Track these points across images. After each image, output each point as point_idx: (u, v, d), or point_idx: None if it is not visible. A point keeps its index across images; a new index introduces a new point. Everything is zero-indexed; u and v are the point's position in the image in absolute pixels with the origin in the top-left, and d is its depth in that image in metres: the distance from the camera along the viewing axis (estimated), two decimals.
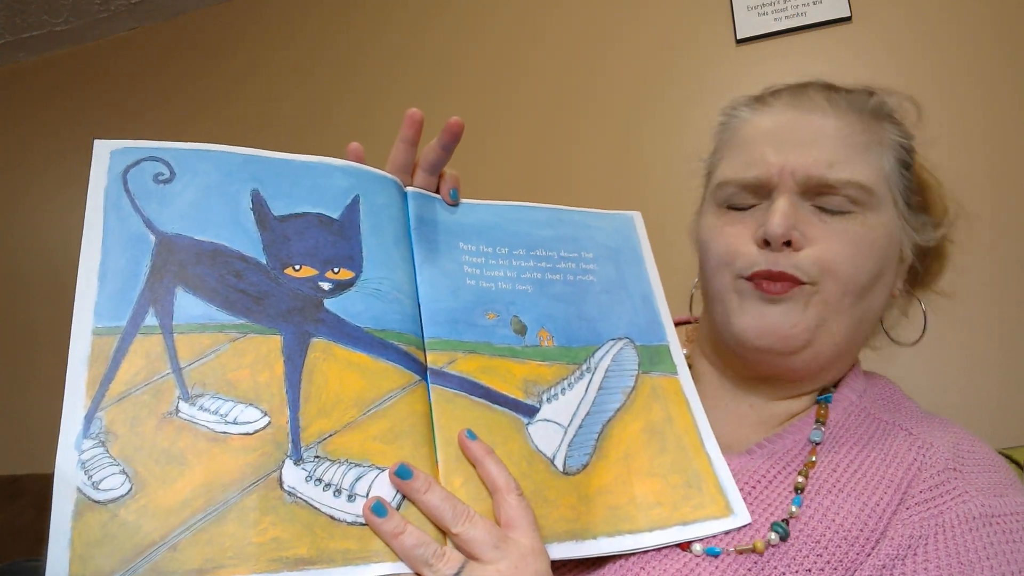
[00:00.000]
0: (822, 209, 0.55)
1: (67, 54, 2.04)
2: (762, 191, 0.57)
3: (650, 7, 1.50)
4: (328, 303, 0.46)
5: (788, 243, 0.54)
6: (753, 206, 0.58)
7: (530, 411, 0.50)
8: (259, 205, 0.47)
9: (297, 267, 0.46)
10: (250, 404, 0.42)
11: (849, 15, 1.34)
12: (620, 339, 0.57)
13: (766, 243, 0.55)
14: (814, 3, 1.36)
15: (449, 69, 1.65)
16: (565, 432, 0.51)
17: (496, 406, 0.49)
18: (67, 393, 0.39)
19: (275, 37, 1.82)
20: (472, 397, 0.48)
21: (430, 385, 0.47)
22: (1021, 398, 1.13)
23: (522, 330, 0.53)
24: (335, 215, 0.48)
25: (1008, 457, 0.83)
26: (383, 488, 0.42)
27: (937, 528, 0.47)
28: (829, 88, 0.60)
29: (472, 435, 0.46)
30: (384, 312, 0.47)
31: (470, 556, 0.42)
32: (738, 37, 1.41)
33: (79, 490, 0.37)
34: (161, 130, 1.87)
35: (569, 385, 0.53)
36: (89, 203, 0.43)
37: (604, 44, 1.52)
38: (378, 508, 0.41)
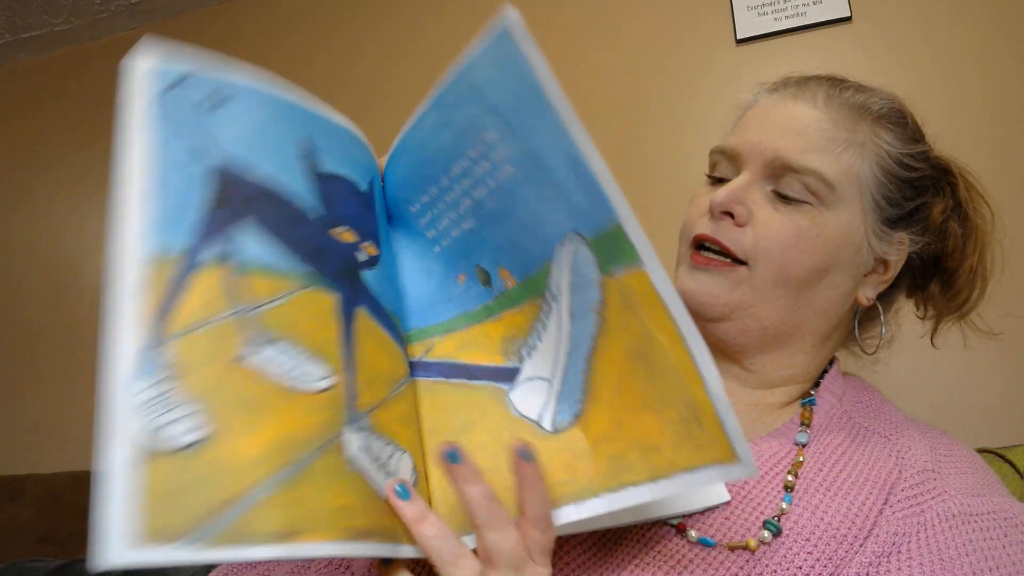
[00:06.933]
0: (780, 196, 0.57)
1: (67, 54, 2.04)
2: (735, 161, 0.60)
3: (650, 7, 1.50)
4: (363, 275, 0.43)
5: (732, 216, 0.57)
6: (729, 179, 0.60)
7: (511, 375, 0.46)
8: (310, 155, 0.42)
9: (342, 229, 0.43)
10: (318, 360, 0.38)
11: (849, 15, 1.34)
12: (568, 238, 0.43)
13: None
14: (814, 3, 1.36)
15: (441, 64, 1.65)
16: (551, 385, 0.44)
17: (475, 382, 0.46)
18: (112, 327, 0.33)
19: (274, 36, 1.82)
20: (451, 380, 0.46)
21: (413, 378, 0.46)
22: (1019, 398, 1.13)
23: (487, 279, 0.47)
24: (362, 188, 0.46)
25: (1003, 457, 0.83)
26: (406, 471, 0.40)
27: (919, 527, 0.48)
28: (835, 83, 0.61)
29: (454, 457, 0.40)
30: (394, 298, 0.46)
31: (487, 564, 0.40)
32: (738, 37, 1.41)
33: (140, 435, 0.31)
34: None
35: (543, 326, 0.45)
36: (126, 123, 0.36)
37: (603, 44, 1.52)
38: (402, 490, 0.39)
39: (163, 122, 0.37)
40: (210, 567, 0.78)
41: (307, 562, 0.61)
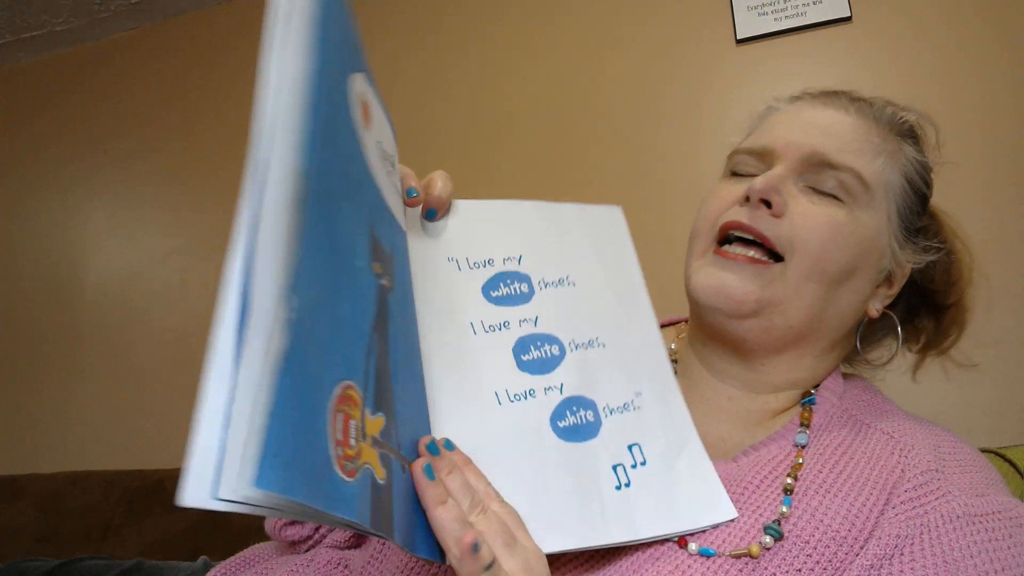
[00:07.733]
0: (814, 190, 0.57)
1: (67, 54, 2.04)
2: (766, 158, 0.60)
3: (650, 8, 1.50)
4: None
5: (769, 205, 0.56)
6: (755, 175, 0.60)
7: None
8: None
9: None
10: None
11: (849, 15, 1.33)
12: None
13: (748, 200, 0.57)
14: (814, 3, 1.36)
15: (449, 71, 1.65)
16: None
17: None
18: None
19: None
20: None
21: None
22: (1018, 398, 1.13)
23: None
24: None
25: (1003, 456, 0.83)
26: None
27: (922, 528, 0.48)
28: (858, 98, 0.63)
29: (450, 445, 0.44)
30: None
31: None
32: (738, 37, 1.41)
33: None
34: (162, 130, 1.87)
35: None
36: None
37: (604, 45, 1.52)
38: (428, 470, 0.40)
39: None
40: (208, 566, 0.78)
41: (307, 560, 0.61)
